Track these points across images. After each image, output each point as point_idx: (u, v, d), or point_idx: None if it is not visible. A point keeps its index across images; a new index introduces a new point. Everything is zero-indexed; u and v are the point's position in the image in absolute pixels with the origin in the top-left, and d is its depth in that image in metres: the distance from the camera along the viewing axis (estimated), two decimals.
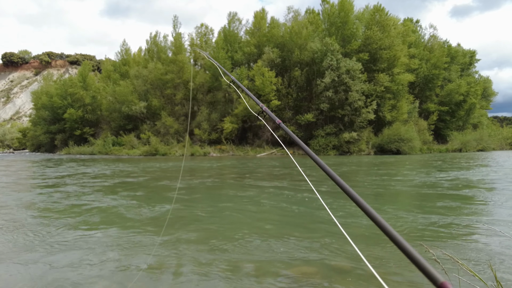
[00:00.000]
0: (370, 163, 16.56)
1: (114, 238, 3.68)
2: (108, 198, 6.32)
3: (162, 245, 3.36)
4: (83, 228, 4.11)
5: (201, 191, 7.41)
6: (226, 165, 15.98)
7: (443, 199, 5.99)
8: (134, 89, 37.04)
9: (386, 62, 30.47)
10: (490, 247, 3.23)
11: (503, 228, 3.95)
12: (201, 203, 5.85)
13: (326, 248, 3.25)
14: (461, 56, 42.31)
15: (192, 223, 4.39)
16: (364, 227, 4.08)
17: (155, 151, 30.43)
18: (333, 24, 32.20)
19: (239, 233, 3.81)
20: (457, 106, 38.51)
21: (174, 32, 38.12)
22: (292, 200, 6.01)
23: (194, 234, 3.80)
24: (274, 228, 4.14)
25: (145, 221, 4.49)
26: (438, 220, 4.41)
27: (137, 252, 3.20)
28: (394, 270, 2.69)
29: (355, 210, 4.88)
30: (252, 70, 31.28)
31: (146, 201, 6.01)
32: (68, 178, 10.12)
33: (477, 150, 32.88)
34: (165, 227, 3.83)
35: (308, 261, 2.91)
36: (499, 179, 9.03)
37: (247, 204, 5.74)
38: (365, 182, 8.75)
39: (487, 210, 5.02)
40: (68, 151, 38.68)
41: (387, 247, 3.25)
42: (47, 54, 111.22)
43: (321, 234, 3.78)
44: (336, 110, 28.82)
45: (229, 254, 3.13)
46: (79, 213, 4.96)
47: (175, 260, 2.98)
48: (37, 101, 47.65)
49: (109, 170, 13.20)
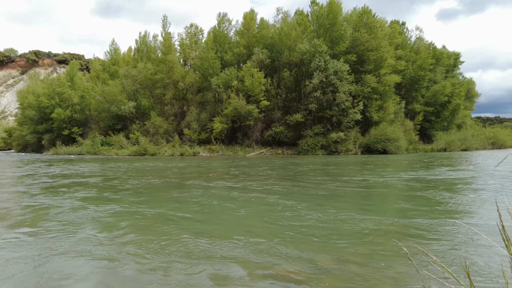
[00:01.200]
0: (357, 162, 16.97)
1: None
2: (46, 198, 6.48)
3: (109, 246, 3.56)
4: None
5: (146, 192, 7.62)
6: (191, 165, 16.18)
7: (418, 197, 6.34)
8: (123, 89, 36.83)
9: (373, 64, 31.04)
10: (463, 244, 3.38)
11: (475, 224, 4.29)
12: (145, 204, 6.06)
13: (308, 247, 3.39)
14: (446, 58, 43.33)
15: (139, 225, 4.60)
16: (347, 224, 4.35)
17: (144, 151, 30.38)
18: (322, 26, 32.63)
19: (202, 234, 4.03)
20: (442, 106, 39.45)
21: (163, 32, 38.07)
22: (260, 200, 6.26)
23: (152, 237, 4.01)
24: (259, 228, 4.38)
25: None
26: (413, 217, 4.73)
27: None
28: (379, 266, 2.80)
29: (324, 209, 5.16)
30: (242, 71, 31.48)
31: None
32: (27, 178, 10.19)
33: (461, 150, 33.81)
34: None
35: (291, 260, 2.98)
36: (476, 178, 9.48)
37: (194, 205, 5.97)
38: (353, 179, 9.08)
39: (461, 208, 5.35)
40: (56, 151, 38.24)
41: (369, 245, 3.52)
42: (34, 53, 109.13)
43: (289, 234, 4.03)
44: (324, 111, 29.25)
45: (211, 255, 3.35)
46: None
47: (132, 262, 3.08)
48: (23, 100, 46.93)
49: (71, 170, 13.26)
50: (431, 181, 8.38)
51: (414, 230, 3.86)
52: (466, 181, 8.46)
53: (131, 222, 4.39)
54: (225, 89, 31.79)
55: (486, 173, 10.25)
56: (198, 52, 35.31)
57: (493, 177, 8.97)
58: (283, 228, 4.03)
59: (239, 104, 29.80)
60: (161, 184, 8.57)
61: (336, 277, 2.62)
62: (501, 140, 41.58)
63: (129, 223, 4.33)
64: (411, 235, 3.68)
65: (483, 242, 3.35)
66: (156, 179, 9.58)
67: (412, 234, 3.71)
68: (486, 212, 4.74)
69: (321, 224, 4.17)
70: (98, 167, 14.92)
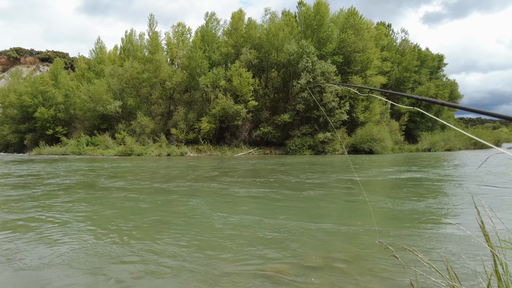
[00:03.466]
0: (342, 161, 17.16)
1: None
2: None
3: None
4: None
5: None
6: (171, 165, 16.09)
7: (406, 195, 6.46)
8: (109, 88, 36.23)
9: (360, 65, 31.50)
10: (448, 241, 3.46)
11: (461, 221, 4.39)
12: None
13: (296, 245, 3.42)
14: (430, 60, 44.36)
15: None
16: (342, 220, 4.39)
17: (131, 151, 29.95)
18: (309, 27, 32.90)
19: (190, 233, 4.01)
20: (427, 107, 40.34)
21: (150, 30, 37.64)
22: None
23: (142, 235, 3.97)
24: (247, 226, 4.38)
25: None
26: (399, 215, 4.81)
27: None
28: (366, 266, 2.83)
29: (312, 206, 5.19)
30: (230, 70, 31.42)
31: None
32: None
33: (445, 150, 34.61)
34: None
35: (279, 259, 3.00)
36: (461, 176, 9.72)
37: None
38: (341, 178, 9.18)
39: (447, 206, 5.48)
40: (39, 151, 37.28)
41: (355, 244, 3.56)
42: (15, 50, 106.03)
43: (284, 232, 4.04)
44: (311, 111, 29.49)
45: (197, 255, 3.34)
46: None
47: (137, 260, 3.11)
48: (4, 99, 45.59)
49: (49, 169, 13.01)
50: (415, 180, 8.56)
51: (398, 230, 3.93)
52: (447, 181, 8.67)
53: (109, 222, 4.33)
54: (213, 88, 31.67)
55: (468, 173, 10.54)
56: (185, 51, 35.04)
57: (475, 178, 9.22)
58: (272, 226, 4.04)
59: (227, 104, 29.73)
60: (147, 184, 8.47)
61: (324, 275, 2.65)
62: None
63: (106, 223, 4.27)
64: (395, 235, 3.74)
65: (465, 237, 3.45)
66: (147, 180, 9.47)
67: (396, 234, 3.78)
68: (467, 211, 4.87)
69: (307, 224, 4.20)
70: (84, 166, 14.64)
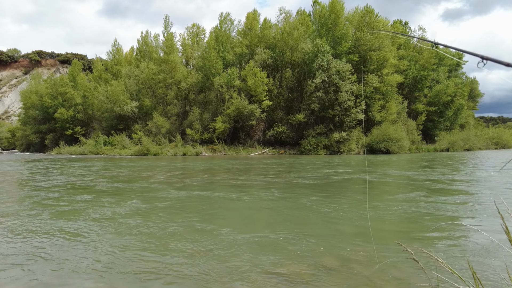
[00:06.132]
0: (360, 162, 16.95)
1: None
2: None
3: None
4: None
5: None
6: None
7: (422, 197, 6.32)
8: (126, 88, 36.94)
9: (376, 63, 30.99)
10: (469, 245, 3.35)
11: (481, 226, 4.28)
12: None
13: (313, 246, 3.39)
14: (448, 58, 43.16)
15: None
16: (352, 223, 4.35)
17: (147, 151, 30.44)
18: (324, 26, 32.60)
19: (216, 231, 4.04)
20: (445, 106, 39.37)
21: (165, 32, 38.14)
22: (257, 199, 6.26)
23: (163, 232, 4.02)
24: (264, 227, 4.39)
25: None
26: (416, 218, 4.72)
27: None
28: (381, 267, 2.77)
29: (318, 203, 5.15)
30: (244, 70, 31.49)
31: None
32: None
33: (464, 150, 33.67)
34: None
35: (297, 259, 2.99)
36: (478, 179, 9.45)
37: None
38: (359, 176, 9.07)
39: (466, 209, 5.34)
40: (59, 151, 38.38)
41: (372, 245, 3.52)
42: (36, 53, 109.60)
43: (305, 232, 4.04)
44: (326, 110, 29.21)
45: (216, 253, 3.37)
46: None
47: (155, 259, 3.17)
48: (26, 100, 47.22)
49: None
50: (432, 182, 8.36)
51: (416, 232, 3.85)
52: (467, 182, 8.43)
53: (129, 221, 4.41)
54: (227, 88, 31.82)
55: (489, 175, 10.22)
56: (200, 52, 35.34)
57: (497, 179, 8.93)
58: (287, 227, 4.03)
59: (241, 104, 29.81)
60: (163, 181, 8.59)
61: (340, 276, 2.62)
62: (504, 140, 41.35)
63: (128, 222, 4.35)
64: (413, 238, 3.67)
65: (487, 243, 3.34)
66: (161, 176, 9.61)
67: (414, 237, 3.70)
68: (489, 214, 4.72)
69: (324, 224, 4.18)
70: (101, 166, 14.98)
